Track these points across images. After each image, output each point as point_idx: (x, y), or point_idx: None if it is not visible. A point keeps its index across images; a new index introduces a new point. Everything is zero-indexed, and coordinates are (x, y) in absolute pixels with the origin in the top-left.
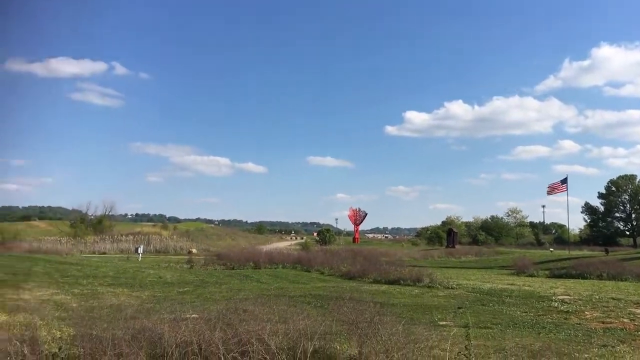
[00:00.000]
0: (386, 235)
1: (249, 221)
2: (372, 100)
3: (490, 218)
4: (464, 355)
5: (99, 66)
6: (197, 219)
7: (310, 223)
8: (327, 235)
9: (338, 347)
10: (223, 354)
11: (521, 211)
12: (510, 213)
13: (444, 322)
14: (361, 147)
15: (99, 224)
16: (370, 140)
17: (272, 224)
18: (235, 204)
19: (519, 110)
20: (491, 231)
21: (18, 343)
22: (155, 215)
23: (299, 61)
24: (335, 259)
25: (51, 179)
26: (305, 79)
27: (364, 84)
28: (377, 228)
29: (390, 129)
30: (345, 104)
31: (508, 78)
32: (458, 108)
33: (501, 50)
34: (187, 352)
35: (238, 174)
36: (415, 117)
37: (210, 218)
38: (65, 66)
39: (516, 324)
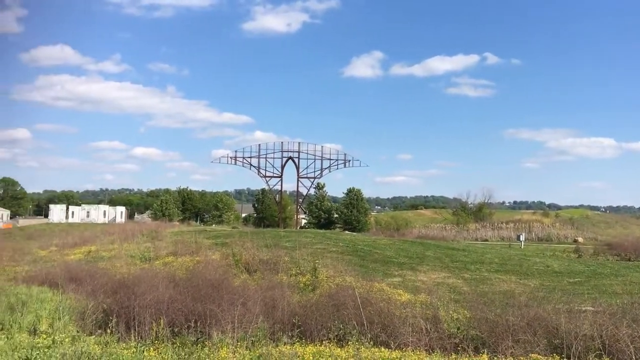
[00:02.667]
0: None
1: None
2: None
3: None
4: None
5: (471, 59)
6: (580, 206)
7: None
8: None
9: None
10: (633, 352)
11: None
12: None
13: None
14: None
15: (479, 212)
16: None
17: None
18: (624, 188)
19: None
20: None
21: (422, 320)
22: (533, 202)
23: None
24: None
25: (435, 171)
26: None
27: None
28: None
29: None
30: None
31: None
32: None
33: None
34: (588, 347)
35: (627, 155)
36: None
37: (594, 204)
38: (440, 64)
39: None
